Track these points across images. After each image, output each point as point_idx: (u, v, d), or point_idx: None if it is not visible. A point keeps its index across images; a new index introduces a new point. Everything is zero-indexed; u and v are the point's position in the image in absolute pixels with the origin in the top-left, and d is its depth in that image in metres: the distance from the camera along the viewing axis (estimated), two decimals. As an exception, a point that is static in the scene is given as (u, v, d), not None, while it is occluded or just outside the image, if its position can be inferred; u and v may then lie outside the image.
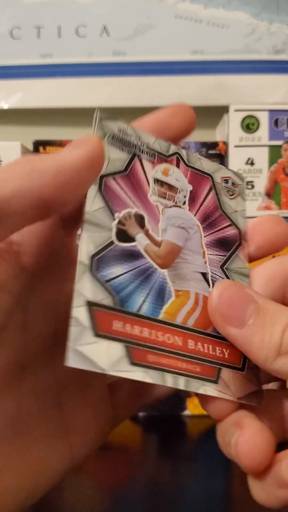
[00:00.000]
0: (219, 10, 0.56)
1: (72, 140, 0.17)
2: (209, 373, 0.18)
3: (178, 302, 0.19)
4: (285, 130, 0.48)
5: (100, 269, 0.17)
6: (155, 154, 0.21)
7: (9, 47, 0.57)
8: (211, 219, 0.21)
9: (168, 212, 0.20)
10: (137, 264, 0.18)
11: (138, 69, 0.56)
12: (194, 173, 0.21)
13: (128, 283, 0.18)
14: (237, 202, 0.22)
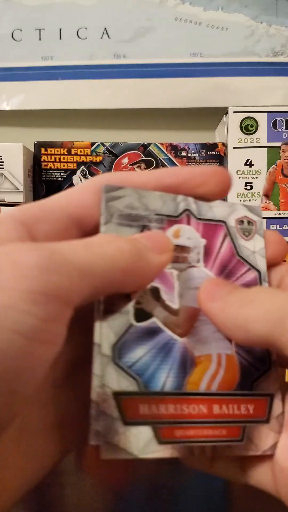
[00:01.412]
0: (219, 12, 0.56)
1: (151, 238, 0.19)
2: (235, 433, 0.18)
3: (200, 369, 0.19)
4: (284, 132, 0.48)
5: (122, 356, 0.18)
6: (164, 219, 0.20)
7: (11, 49, 0.57)
8: (228, 268, 0.21)
9: (183, 276, 0.20)
10: (158, 340, 0.19)
11: (138, 71, 0.56)
12: (206, 225, 0.21)
13: (150, 363, 0.18)
14: (254, 241, 0.21)
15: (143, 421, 0.17)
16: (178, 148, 0.48)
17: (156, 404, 0.18)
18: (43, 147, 0.49)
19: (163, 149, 0.48)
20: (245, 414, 0.19)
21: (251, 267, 0.21)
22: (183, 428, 0.18)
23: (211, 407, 0.18)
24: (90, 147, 0.48)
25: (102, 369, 0.18)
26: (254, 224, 0.22)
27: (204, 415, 0.18)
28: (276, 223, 0.48)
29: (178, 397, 0.18)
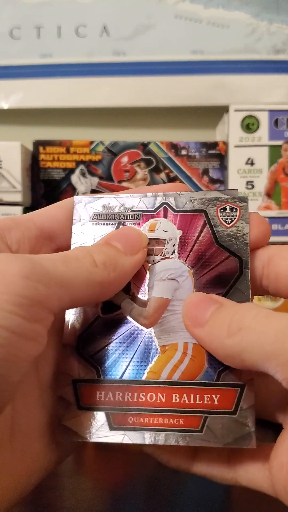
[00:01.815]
0: (219, 10, 0.56)
1: (123, 238, 0.20)
2: (193, 423, 0.18)
3: (163, 358, 0.19)
4: (285, 130, 0.47)
5: (85, 346, 0.19)
6: (140, 214, 0.21)
7: (9, 47, 0.57)
8: (205, 257, 0.21)
9: (155, 268, 0.21)
10: (123, 331, 0.20)
11: (138, 69, 0.56)
12: (184, 216, 0.21)
13: (112, 352, 0.19)
14: (237, 228, 0.21)
15: (97, 407, 0.18)
16: (178, 146, 0.48)
17: (112, 392, 0.18)
18: (41, 146, 0.48)
19: (163, 148, 0.48)
20: (207, 405, 0.18)
21: (232, 255, 0.21)
22: (137, 415, 0.18)
23: (170, 396, 0.18)
24: (89, 146, 0.48)
25: (65, 358, 0.19)
26: (238, 210, 0.22)
27: (161, 404, 0.18)
28: (277, 223, 0.48)
29: (135, 385, 0.19)
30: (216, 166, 0.48)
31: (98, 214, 0.22)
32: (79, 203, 0.22)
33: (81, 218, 0.22)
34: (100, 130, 0.60)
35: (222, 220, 0.21)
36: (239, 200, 0.22)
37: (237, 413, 0.18)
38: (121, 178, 0.48)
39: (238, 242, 0.21)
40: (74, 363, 0.19)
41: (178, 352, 0.19)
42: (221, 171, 0.48)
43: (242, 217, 0.21)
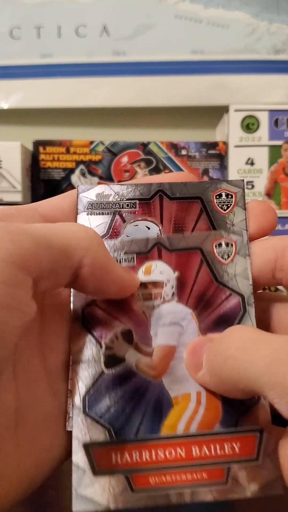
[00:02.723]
0: (219, 10, 0.56)
1: None
2: (217, 475, 0.17)
3: (177, 411, 0.18)
4: (285, 130, 0.47)
5: (92, 406, 0.18)
6: (133, 257, 0.20)
7: (9, 47, 0.57)
8: (206, 296, 0.20)
9: (156, 313, 0.20)
10: (130, 385, 0.18)
11: (138, 69, 0.56)
12: (179, 254, 0.20)
13: (122, 410, 0.18)
14: (235, 263, 0.21)
15: (115, 470, 0.17)
16: (178, 146, 0.48)
17: (129, 452, 0.17)
18: (41, 146, 0.48)
19: (163, 148, 0.48)
20: (229, 454, 0.17)
21: (233, 292, 0.20)
22: (158, 474, 0.17)
23: (189, 449, 0.17)
24: (89, 146, 0.48)
25: (74, 421, 0.18)
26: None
27: (182, 459, 0.17)
28: (278, 223, 0.48)
29: (153, 442, 0.18)
30: (216, 166, 0.48)
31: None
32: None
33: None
34: (100, 130, 0.59)
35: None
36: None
37: (260, 459, 0.17)
38: (121, 178, 0.48)
39: (239, 279, 0.20)
40: (82, 425, 0.18)
41: (191, 403, 0.18)
42: (221, 171, 0.48)
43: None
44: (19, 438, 0.17)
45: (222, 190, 0.21)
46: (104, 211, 0.21)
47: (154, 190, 0.21)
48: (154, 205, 0.21)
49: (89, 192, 0.21)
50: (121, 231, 0.21)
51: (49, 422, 0.18)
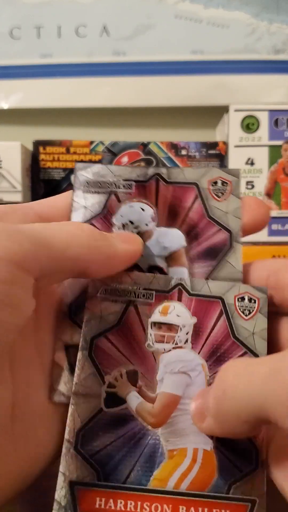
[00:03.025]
0: (219, 10, 0.56)
1: (119, 234, 0.20)
2: None
3: (171, 465, 0.18)
4: (285, 130, 0.47)
5: (85, 443, 0.17)
6: (152, 293, 0.20)
7: (9, 47, 0.57)
8: (221, 350, 0.19)
9: (166, 358, 0.19)
10: (127, 429, 0.18)
11: (138, 69, 0.56)
12: (200, 300, 0.19)
13: (115, 454, 0.17)
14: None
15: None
16: (178, 146, 0.48)
17: (114, 499, 0.17)
18: (41, 146, 0.48)
19: (163, 148, 0.48)
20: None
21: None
22: None
23: (176, 508, 0.17)
24: (89, 146, 0.48)
25: (63, 456, 0.17)
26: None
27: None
28: (278, 223, 0.47)
29: (140, 493, 0.17)
30: (216, 166, 0.48)
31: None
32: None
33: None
34: (100, 130, 0.59)
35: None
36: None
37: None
38: (121, 178, 0.48)
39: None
40: (71, 462, 0.17)
41: (187, 459, 0.18)
42: (221, 171, 0.48)
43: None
44: (15, 434, 0.17)
45: (218, 177, 0.21)
46: (100, 190, 0.21)
47: (151, 174, 0.21)
48: (150, 187, 0.21)
49: (87, 171, 0.21)
50: (116, 211, 0.21)
51: (45, 417, 0.18)
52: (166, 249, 0.21)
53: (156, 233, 0.21)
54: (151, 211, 0.21)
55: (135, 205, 0.21)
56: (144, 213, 0.21)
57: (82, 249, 0.17)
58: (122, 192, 0.21)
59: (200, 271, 0.20)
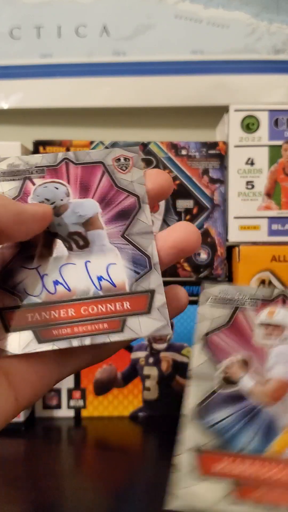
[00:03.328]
0: (219, 10, 0.56)
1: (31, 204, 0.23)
2: None
3: (286, 438, 0.21)
4: (285, 130, 0.47)
5: (204, 416, 0.21)
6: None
7: (9, 47, 0.57)
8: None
9: (276, 350, 0.23)
10: (242, 406, 0.22)
11: (138, 69, 0.56)
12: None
13: (233, 425, 0.21)
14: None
15: (218, 477, 0.19)
16: (178, 146, 0.48)
17: (233, 463, 0.20)
18: (41, 146, 0.48)
19: (163, 148, 0.48)
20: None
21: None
22: (264, 490, 0.19)
23: None
24: (89, 146, 0.48)
25: (184, 427, 0.21)
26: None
27: None
28: (277, 223, 0.48)
29: (258, 460, 0.20)
30: (216, 166, 0.48)
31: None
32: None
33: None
34: (100, 130, 0.60)
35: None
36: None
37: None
38: (121, 178, 0.48)
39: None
40: (191, 431, 0.21)
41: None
42: (221, 171, 0.48)
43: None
44: None
45: (120, 155, 0.24)
46: (14, 178, 0.23)
47: (60, 158, 0.24)
48: (61, 170, 0.24)
49: (1, 163, 0.24)
50: (31, 192, 0.23)
51: None
52: (81, 217, 0.23)
53: (72, 205, 0.23)
54: (65, 188, 0.23)
55: (49, 185, 0.23)
56: (58, 191, 0.23)
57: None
58: (36, 176, 0.23)
59: (115, 230, 0.23)
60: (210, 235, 0.48)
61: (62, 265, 0.22)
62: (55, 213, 0.23)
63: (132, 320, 0.21)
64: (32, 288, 0.22)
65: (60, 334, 0.21)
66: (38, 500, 0.33)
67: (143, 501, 0.32)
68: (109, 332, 0.21)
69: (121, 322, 0.21)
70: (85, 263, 0.22)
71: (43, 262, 0.22)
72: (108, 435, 0.44)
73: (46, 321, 0.21)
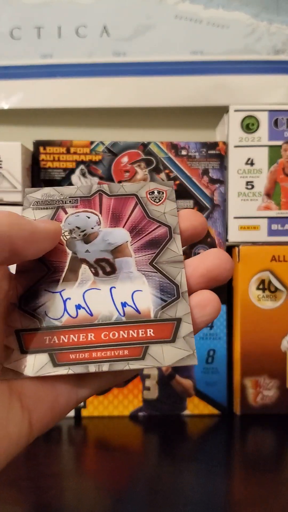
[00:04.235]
0: (219, 10, 0.56)
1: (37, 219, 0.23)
2: None
3: None
4: (285, 130, 0.47)
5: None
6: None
7: (10, 48, 0.57)
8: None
9: None
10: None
11: (138, 69, 0.56)
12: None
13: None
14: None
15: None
16: (178, 147, 0.48)
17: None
18: (42, 146, 0.48)
19: (163, 148, 0.48)
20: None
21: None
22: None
23: None
24: (89, 146, 0.48)
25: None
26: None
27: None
28: (277, 223, 0.48)
29: None
30: (216, 166, 0.48)
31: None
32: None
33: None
34: (100, 130, 0.60)
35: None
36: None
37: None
38: (121, 178, 0.48)
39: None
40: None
41: None
42: (221, 171, 0.48)
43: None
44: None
45: (155, 188, 0.25)
46: (48, 206, 0.24)
47: (94, 190, 0.25)
48: (94, 201, 0.24)
49: (36, 193, 0.25)
50: (63, 220, 0.24)
51: (6, 399, 0.20)
52: (111, 244, 0.23)
53: (102, 233, 0.24)
54: (96, 217, 0.24)
55: (81, 214, 0.24)
56: (90, 220, 0.24)
57: (5, 226, 0.19)
58: (69, 206, 0.24)
59: (144, 258, 0.23)
60: (210, 235, 0.48)
61: (86, 290, 0.22)
62: (85, 241, 0.23)
63: (155, 348, 0.21)
64: (53, 311, 0.21)
65: (77, 359, 0.20)
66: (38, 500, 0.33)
67: (143, 500, 0.33)
68: (129, 359, 0.20)
69: (143, 349, 0.21)
70: (110, 289, 0.22)
71: (68, 287, 0.22)
72: (108, 434, 0.44)
73: (63, 344, 0.21)
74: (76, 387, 0.21)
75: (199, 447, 0.41)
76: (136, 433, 0.44)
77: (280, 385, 0.47)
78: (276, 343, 0.46)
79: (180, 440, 0.42)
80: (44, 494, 0.33)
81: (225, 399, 0.48)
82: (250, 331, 0.46)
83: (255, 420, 0.46)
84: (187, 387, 0.47)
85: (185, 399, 0.47)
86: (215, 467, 0.37)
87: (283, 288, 0.46)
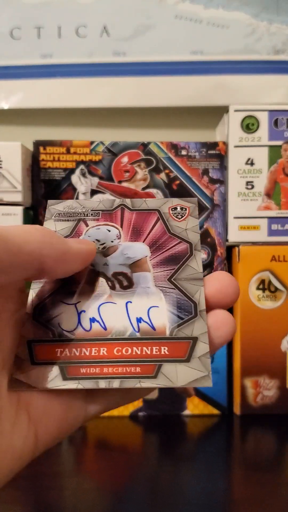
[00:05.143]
0: (219, 10, 0.56)
1: (73, 238, 0.23)
2: None
3: None
4: (285, 130, 0.47)
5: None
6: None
7: (10, 47, 0.57)
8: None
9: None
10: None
11: (138, 69, 0.56)
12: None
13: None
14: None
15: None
16: (178, 147, 0.48)
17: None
18: (42, 146, 0.48)
19: (163, 148, 0.48)
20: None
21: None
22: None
23: None
24: (89, 146, 0.48)
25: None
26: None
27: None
28: (277, 223, 0.48)
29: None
30: (216, 166, 0.48)
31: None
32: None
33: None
34: (100, 130, 0.60)
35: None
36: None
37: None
38: (121, 178, 0.48)
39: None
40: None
41: None
42: (221, 171, 0.48)
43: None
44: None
45: (177, 204, 0.25)
46: (69, 218, 0.24)
47: (117, 204, 0.25)
48: (116, 214, 0.24)
49: (58, 205, 0.25)
50: (84, 233, 0.24)
51: (12, 412, 0.19)
52: (129, 259, 0.23)
53: (121, 247, 0.23)
54: (116, 231, 0.24)
55: (102, 227, 0.24)
56: (110, 233, 0.24)
57: (38, 244, 0.18)
58: (90, 219, 0.24)
59: (163, 274, 0.23)
60: (210, 235, 0.48)
61: (102, 304, 0.22)
62: (104, 254, 0.23)
63: (169, 367, 0.20)
64: (67, 323, 0.21)
65: (88, 373, 0.20)
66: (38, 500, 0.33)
67: (143, 500, 0.33)
68: (141, 376, 0.20)
69: (155, 368, 0.20)
70: (126, 304, 0.22)
71: (83, 299, 0.22)
72: (108, 434, 0.44)
73: (75, 358, 0.20)
74: (86, 403, 0.21)
75: (199, 447, 0.41)
76: (136, 433, 0.44)
77: (280, 385, 0.47)
78: (276, 343, 0.46)
79: (180, 440, 0.42)
80: (44, 494, 0.33)
81: (225, 399, 0.48)
82: (250, 331, 0.46)
83: (255, 420, 0.46)
84: (187, 387, 0.48)
85: (185, 399, 0.47)
86: (215, 467, 0.37)
87: (283, 288, 0.46)
